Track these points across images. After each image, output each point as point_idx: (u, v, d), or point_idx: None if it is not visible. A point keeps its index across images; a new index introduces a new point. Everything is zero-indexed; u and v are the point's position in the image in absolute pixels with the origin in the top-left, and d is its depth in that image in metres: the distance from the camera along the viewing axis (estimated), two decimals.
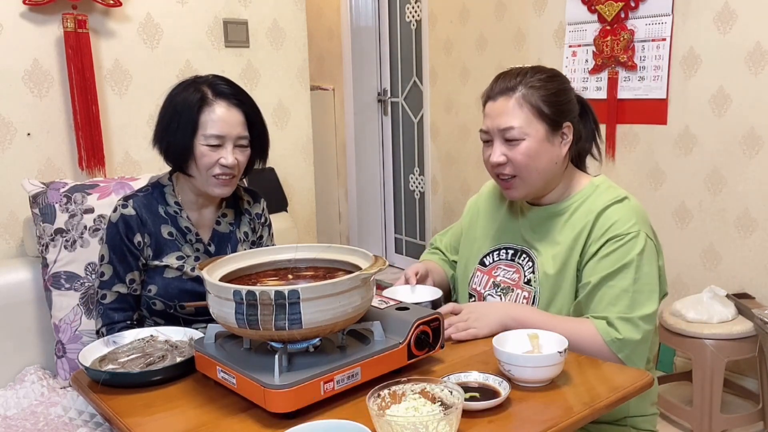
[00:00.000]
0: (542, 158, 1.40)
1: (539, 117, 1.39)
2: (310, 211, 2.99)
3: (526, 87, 1.39)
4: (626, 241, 1.37)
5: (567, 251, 1.43)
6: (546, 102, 1.39)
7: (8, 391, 1.79)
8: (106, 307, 1.55)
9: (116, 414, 1.17)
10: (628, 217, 1.40)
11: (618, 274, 1.36)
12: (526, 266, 1.49)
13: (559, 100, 1.41)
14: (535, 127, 1.38)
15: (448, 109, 3.82)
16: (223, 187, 1.55)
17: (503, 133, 1.40)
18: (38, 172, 2.22)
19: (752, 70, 2.54)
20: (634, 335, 1.33)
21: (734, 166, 2.64)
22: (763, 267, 2.60)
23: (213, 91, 1.52)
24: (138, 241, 1.54)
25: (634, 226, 1.38)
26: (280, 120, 2.81)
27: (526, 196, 1.47)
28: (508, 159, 1.41)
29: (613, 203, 1.42)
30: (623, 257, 1.36)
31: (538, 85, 1.39)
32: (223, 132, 1.51)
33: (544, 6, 3.21)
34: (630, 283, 1.35)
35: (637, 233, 1.37)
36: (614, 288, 1.36)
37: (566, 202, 1.48)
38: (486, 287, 1.55)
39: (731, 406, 2.60)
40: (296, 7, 2.80)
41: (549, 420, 1.08)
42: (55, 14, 2.19)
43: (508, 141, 1.40)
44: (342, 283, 1.12)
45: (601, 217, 1.41)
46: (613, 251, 1.37)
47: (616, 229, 1.38)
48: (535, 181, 1.43)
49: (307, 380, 1.10)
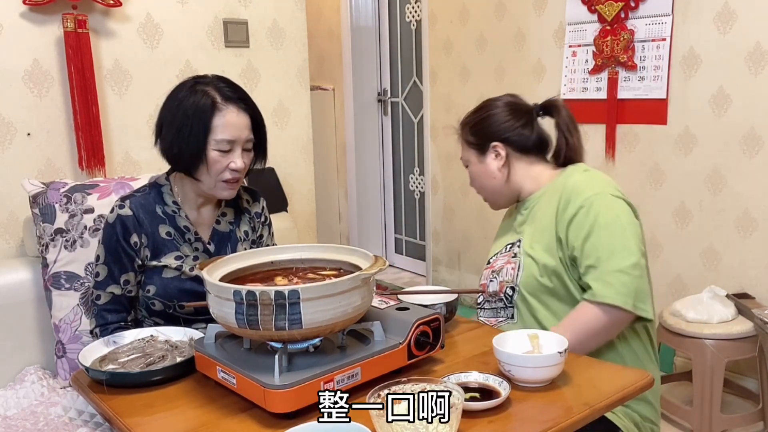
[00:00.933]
0: (482, 176, 1.72)
1: (469, 146, 1.73)
2: (310, 211, 2.99)
3: (461, 128, 1.75)
4: (588, 208, 1.50)
5: (544, 222, 1.59)
6: (471, 133, 1.72)
7: (8, 391, 1.79)
8: (100, 307, 1.55)
9: (116, 414, 1.17)
10: (587, 184, 1.55)
11: (590, 239, 1.49)
12: (515, 248, 1.66)
13: (481, 127, 1.70)
14: (469, 154, 1.74)
15: (448, 109, 3.82)
16: (230, 190, 1.56)
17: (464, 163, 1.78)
18: (38, 172, 2.22)
19: (752, 70, 2.54)
20: (625, 287, 1.44)
21: (734, 166, 2.64)
22: (763, 267, 2.60)
23: (221, 95, 1.51)
24: (135, 241, 1.54)
25: (593, 189, 1.53)
26: (280, 120, 2.81)
27: (499, 206, 1.76)
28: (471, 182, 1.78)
29: (576, 174, 1.60)
30: (590, 224, 1.49)
31: (465, 122, 1.74)
32: (234, 136, 1.51)
33: (544, 6, 3.21)
34: (605, 243, 1.48)
35: (596, 195, 1.51)
36: (590, 257, 1.48)
37: (539, 192, 1.67)
38: (488, 278, 1.69)
39: (731, 406, 2.60)
40: (296, 7, 2.80)
41: (549, 420, 1.09)
42: (55, 14, 2.19)
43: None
44: (342, 283, 1.12)
45: (567, 187, 1.57)
46: (581, 222, 1.51)
47: (577, 198, 1.52)
48: (492, 194, 1.73)
49: (307, 380, 1.10)
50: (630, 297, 1.45)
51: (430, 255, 4.11)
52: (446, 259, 4.01)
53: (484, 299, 1.71)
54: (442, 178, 3.95)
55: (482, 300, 1.71)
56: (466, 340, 1.45)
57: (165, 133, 1.53)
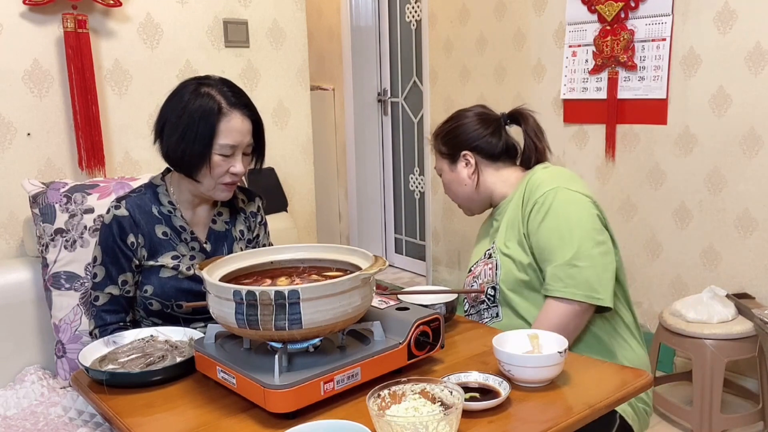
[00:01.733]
0: (454, 184, 1.78)
1: (441, 156, 1.79)
2: (310, 211, 2.99)
3: (434, 140, 1.81)
4: (542, 203, 1.56)
5: (512, 220, 1.65)
6: (442, 143, 1.78)
7: (8, 391, 1.79)
8: (99, 308, 1.55)
9: (116, 414, 1.17)
10: (546, 180, 1.61)
11: (540, 231, 1.55)
12: (491, 248, 1.71)
13: (450, 137, 1.77)
14: (441, 163, 1.80)
15: (448, 109, 3.79)
16: (229, 192, 1.58)
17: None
18: (38, 172, 2.22)
19: (752, 70, 2.54)
20: (572, 279, 1.49)
21: (734, 166, 2.64)
22: (763, 267, 2.60)
23: (227, 101, 1.51)
24: (131, 242, 1.54)
25: (550, 184, 1.58)
26: (280, 120, 2.81)
27: (473, 211, 1.82)
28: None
29: (537, 171, 1.67)
30: (541, 216, 1.55)
31: (436, 132, 1.80)
32: (237, 142, 1.52)
33: (544, 6, 3.21)
34: (554, 235, 1.53)
35: (552, 189, 1.57)
36: (543, 249, 1.55)
37: (510, 196, 1.72)
38: (470, 285, 1.76)
39: (731, 406, 2.60)
40: (296, 7, 2.80)
41: (549, 420, 1.09)
42: (55, 14, 2.19)
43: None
44: (342, 283, 1.12)
45: (528, 184, 1.63)
46: (535, 216, 1.57)
47: (536, 193, 1.58)
48: (462, 201, 1.80)
49: (307, 380, 1.10)
50: (580, 288, 1.48)
51: (430, 255, 4.11)
52: (446, 259, 4.01)
53: (469, 305, 1.75)
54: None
55: (468, 307, 1.75)
56: (466, 340, 1.45)
57: (168, 135, 1.52)
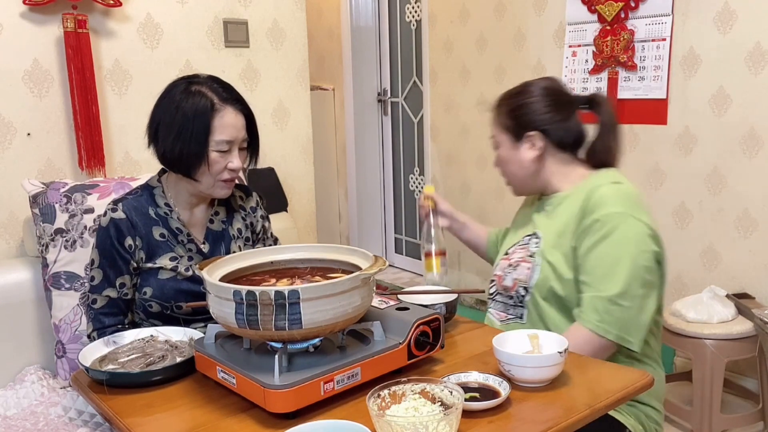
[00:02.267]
0: (511, 164, 1.63)
1: (504, 129, 1.62)
2: (310, 211, 2.99)
3: (497, 107, 1.65)
4: (604, 223, 1.45)
5: (563, 227, 1.54)
6: (509, 116, 1.61)
7: (8, 391, 1.79)
8: (97, 311, 1.55)
9: (116, 414, 1.17)
10: (613, 200, 1.47)
11: (593, 253, 1.45)
12: (532, 243, 1.60)
13: (521, 113, 1.60)
14: (502, 137, 1.63)
15: (448, 109, 3.82)
16: (228, 189, 1.58)
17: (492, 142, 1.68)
18: (38, 172, 2.22)
19: (752, 70, 2.54)
20: (610, 313, 1.40)
21: (734, 166, 2.64)
22: (763, 267, 2.60)
23: (218, 96, 1.52)
24: (129, 244, 1.54)
25: (617, 207, 1.46)
26: (280, 120, 2.81)
27: (519, 193, 1.69)
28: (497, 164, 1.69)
29: (604, 185, 1.51)
30: (598, 238, 1.45)
31: (504, 103, 1.64)
32: (232, 137, 1.52)
33: (544, 6, 3.21)
34: (604, 263, 1.44)
35: (618, 214, 1.45)
36: (588, 273, 1.46)
37: (566, 192, 1.60)
38: (504, 269, 1.65)
39: (731, 406, 2.60)
40: (296, 8, 2.79)
41: (549, 420, 1.09)
42: (55, 14, 2.19)
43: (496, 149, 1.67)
44: (342, 283, 1.12)
45: (592, 197, 1.49)
46: (593, 235, 1.46)
47: (600, 210, 1.46)
48: (515, 182, 1.65)
49: (307, 380, 1.10)
50: (614, 327, 1.41)
51: None
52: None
53: (496, 290, 1.66)
54: (442, 178, 3.95)
55: (495, 291, 1.67)
56: (466, 340, 1.45)
57: (163, 136, 1.52)
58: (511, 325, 1.60)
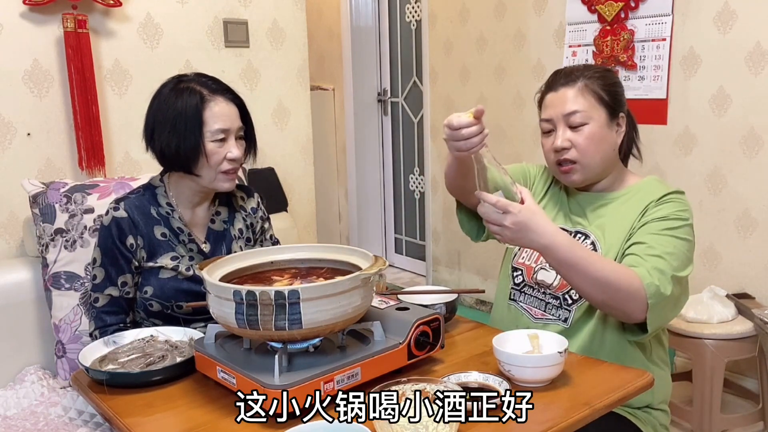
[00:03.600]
0: (603, 143, 1.47)
1: (600, 103, 1.47)
2: (310, 211, 2.99)
3: (586, 78, 1.48)
4: (674, 218, 1.42)
5: (620, 235, 1.46)
6: (605, 90, 1.48)
7: (8, 391, 1.79)
8: (99, 310, 1.55)
9: (116, 414, 1.17)
10: (683, 206, 1.45)
11: (662, 238, 1.39)
12: (585, 244, 1.49)
13: (616, 90, 1.50)
14: (597, 111, 1.46)
15: (448, 109, 3.82)
16: (230, 181, 1.58)
17: (567, 119, 1.47)
18: (38, 172, 2.22)
19: (752, 70, 2.54)
20: (666, 289, 1.33)
21: (734, 166, 2.64)
22: (763, 267, 2.60)
23: (207, 89, 1.54)
24: (131, 243, 1.54)
25: (686, 213, 1.44)
26: (280, 120, 2.81)
27: (584, 181, 1.51)
28: (573, 144, 1.47)
29: (671, 193, 1.48)
30: (666, 229, 1.40)
31: (597, 76, 1.49)
32: (227, 125, 1.53)
33: (544, 6, 3.21)
34: (671, 249, 1.38)
35: (684, 218, 1.43)
36: (656, 248, 1.38)
37: (620, 192, 1.53)
38: (537, 261, 1.54)
39: (731, 406, 2.60)
40: (296, 7, 2.79)
41: (549, 420, 1.09)
42: (55, 14, 2.19)
43: (573, 127, 1.47)
44: (342, 283, 1.12)
45: (659, 203, 1.45)
46: (660, 220, 1.42)
47: (668, 209, 1.43)
48: (595, 166, 1.48)
49: (307, 380, 1.10)
50: (658, 299, 1.32)
51: (430, 255, 4.11)
52: (446, 259, 4.01)
53: (525, 282, 1.56)
54: (442, 178, 3.95)
55: (522, 283, 1.56)
56: (466, 340, 1.45)
57: (159, 135, 1.54)
58: (551, 326, 1.48)
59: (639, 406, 1.47)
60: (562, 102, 1.47)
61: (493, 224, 1.29)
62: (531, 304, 1.54)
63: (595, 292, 1.33)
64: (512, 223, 1.27)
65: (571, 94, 1.47)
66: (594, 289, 1.32)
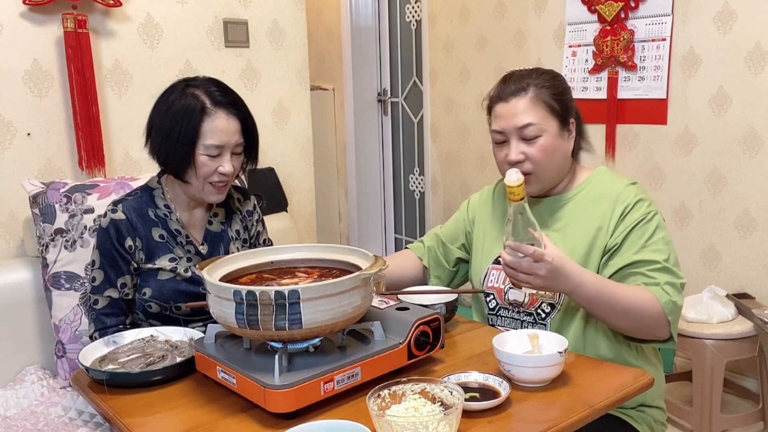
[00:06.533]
0: (556, 152, 1.47)
1: (552, 113, 1.46)
2: (310, 211, 2.99)
3: (536, 87, 1.47)
4: (647, 222, 1.44)
5: (589, 235, 1.47)
6: (555, 99, 1.47)
7: (8, 391, 1.79)
8: (99, 312, 1.55)
9: (116, 414, 1.17)
10: (643, 200, 1.48)
11: (651, 253, 1.41)
12: None
13: (565, 98, 1.49)
14: (549, 123, 1.46)
15: (448, 109, 3.82)
16: (218, 194, 1.57)
17: (521, 132, 1.45)
18: (38, 172, 2.22)
19: (752, 70, 2.54)
20: (679, 299, 1.38)
21: (734, 166, 2.64)
22: (763, 267, 2.60)
23: (211, 100, 1.51)
24: (129, 245, 1.54)
25: (650, 206, 1.47)
26: (280, 120, 2.81)
27: (541, 190, 1.52)
28: (527, 156, 1.46)
29: (627, 186, 1.51)
30: (650, 237, 1.43)
31: (548, 85, 1.47)
32: (222, 142, 1.52)
33: (544, 6, 3.21)
34: (666, 253, 1.42)
35: (654, 213, 1.46)
36: (657, 261, 1.40)
37: (573, 191, 1.54)
38: (505, 283, 1.55)
39: (731, 406, 2.60)
40: (296, 7, 2.79)
41: (549, 420, 1.09)
42: (55, 14, 2.19)
43: (526, 139, 1.46)
44: (342, 283, 1.12)
45: (620, 201, 1.47)
46: (640, 235, 1.43)
47: (636, 211, 1.45)
48: (550, 175, 1.49)
49: (307, 380, 1.10)
50: (674, 314, 1.37)
51: None
52: None
53: (498, 305, 1.57)
54: (442, 178, 3.95)
55: (496, 306, 1.57)
56: (466, 340, 1.45)
57: (154, 136, 1.55)
58: None
59: (632, 405, 1.48)
60: (513, 114, 1.46)
61: (523, 273, 1.30)
62: (509, 326, 1.56)
63: (622, 322, 1.38)
64: (547, 272, 1.29)
65: (522, 105, 1.45)
66: (621, 319, 1.37)
